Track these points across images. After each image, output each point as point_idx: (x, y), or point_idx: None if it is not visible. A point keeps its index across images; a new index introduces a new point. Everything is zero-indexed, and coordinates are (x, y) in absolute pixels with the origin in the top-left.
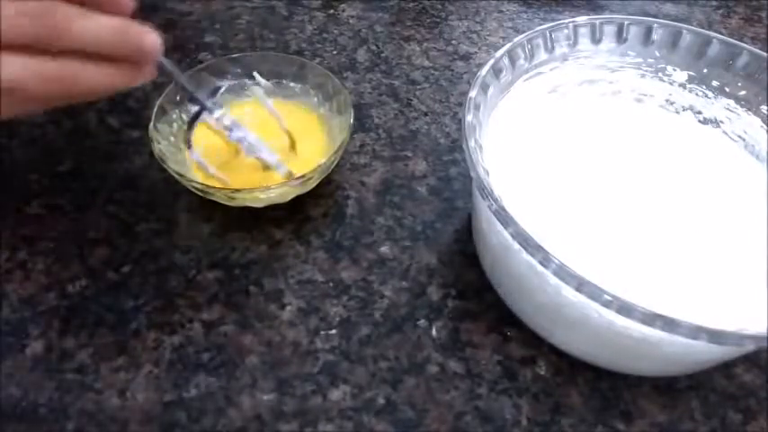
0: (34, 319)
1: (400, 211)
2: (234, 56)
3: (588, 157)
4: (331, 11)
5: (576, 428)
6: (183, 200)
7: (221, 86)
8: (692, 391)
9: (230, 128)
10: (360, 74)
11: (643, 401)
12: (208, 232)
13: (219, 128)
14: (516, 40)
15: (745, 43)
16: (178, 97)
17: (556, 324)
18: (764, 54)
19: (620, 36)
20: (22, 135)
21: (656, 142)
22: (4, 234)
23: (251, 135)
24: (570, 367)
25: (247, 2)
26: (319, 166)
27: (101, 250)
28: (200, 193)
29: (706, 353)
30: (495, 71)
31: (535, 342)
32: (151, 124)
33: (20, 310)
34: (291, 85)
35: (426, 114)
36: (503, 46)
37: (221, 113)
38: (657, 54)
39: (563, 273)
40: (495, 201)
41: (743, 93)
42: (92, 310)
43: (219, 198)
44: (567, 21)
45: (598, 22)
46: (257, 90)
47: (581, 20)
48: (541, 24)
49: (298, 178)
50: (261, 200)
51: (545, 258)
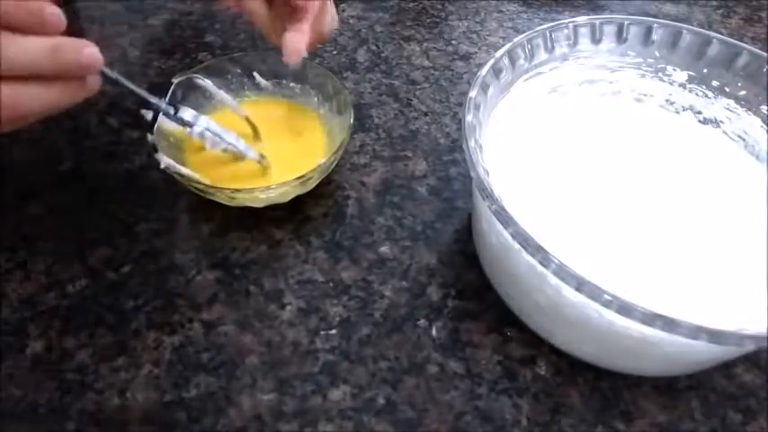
0: (34, 319)
1: (400, 211)
2: (234, 56)
3: (588, 158)
4: None
5: (576, 428)
6: (183, 200)
7: (172, 83)
8: (692, 391)
9: (190, 123)
10: (360, 74)
11: (643, 401)
12: (208, 232)
13: (179, 125)
14: (516, 40)
15: (745, 43)
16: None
17: (556, 324)
18: (764, 54)
19: (620, 36)
20: (21, 135)
21: (656, 142)
22: (4, 234)
23: (212, 124)
24: (570, 367)
25: None
26: (319, 165)
27: (101, 250)
28: (200, 194)
29: (706, 353)
30: (495, 71)
31: (535, 342)
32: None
33: (20, 310)
34: (291, 85)
35: (426, 114)
36: (503, 46)
37: (179, 111)
38: (657, 54)
39: (563, 273)
40: (495, 201)
41: (743, 93)
42: (92, 310)
43: (220, 198)
44: (566, 21)
45: (598, 22)
46: (204, 82)
47: (581, 20)
48: (541, 24)
49: (298, 178)
50: (261, 200)
51: (545, 258)
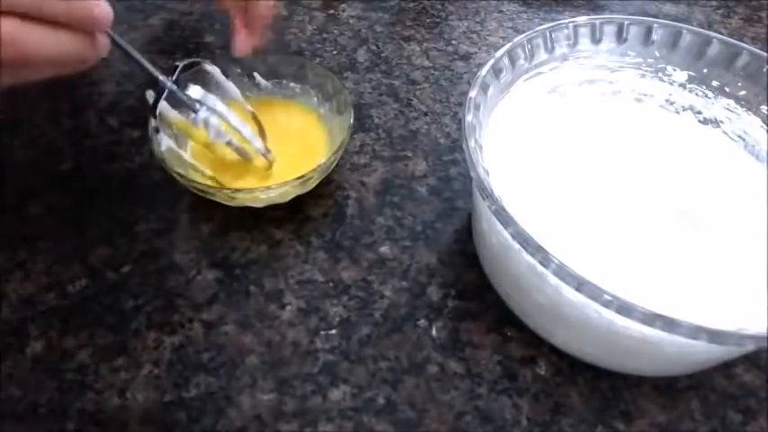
0: (34, 319)
1: (400, 211)
2: (183, 62)
3: (588, 157)
4: (331, 11)
5: (576, 428)
6: (183, 200)
7: (178, 65)
8: (692, 391)
9: (199, 101)
10: (360, 74)
11: (643, 401)
12: (208, 232)
13: (181, 117)
14: (516, 40)
15: (745, 43)
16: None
17: (556, 324)
18: (764, 54)
19: (620, 36)
20: (22, 135)
21: (656, 142)
22: (4, 234)
23: (219, 104)
24: (570, 367)
25: None
26: (319, 165)
27: (101, 250)
28: (200, 193)
29: (706, 353)
30: (495, 71)
31: (535, 342)
32: (151, 124)
33: (20, 310)
34: (291, 85)
35: (426, 114)
36: (503, 46)
37: (188, 90)
38: (657, 54)
39: (563, 273)
40: (495, 201)
41: (743, 93)
42: (92, 310)
43: (220, 198)
44: (566, 21)
45: (598, 22)
46: (212, 68)
47: (581, 20)
48: (541, 24)
49: (298, 178)
50: (261, 200)
51: (545, 258)
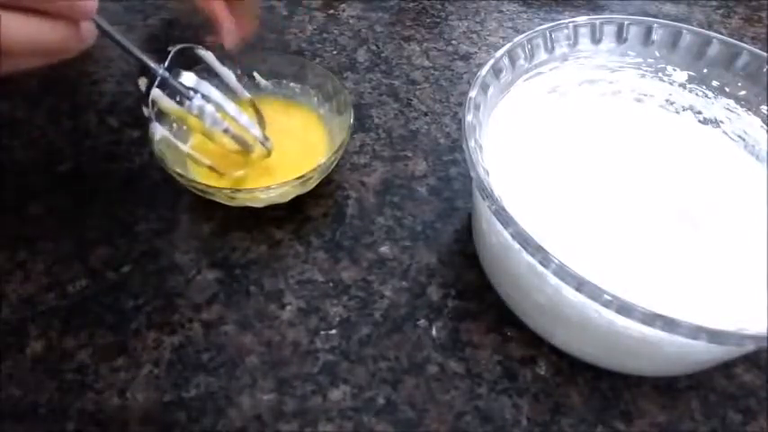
0: (34, 319)
1: (400, 211)
2: (234, 55)
3: (588, 157)
4: (331, 11)
5: (576, 428)
6: (183, 200)
7: (171, 50)
8: (692, 391)
9: (193, 89)
10: (360, 74)
11: (643, 401)
12: (208, 232)
13: (175, 106)
14: (516, 40)
15: (745, 43)
16: (178, 98)
17: (556, 324)
18: (764, 54)
19: (620, 36)
20: (22, 135)
21: (656, 142)
22: (4, 234)
23: (213, 90)
24: (570, 367)
25: None
26: (319, 165)
27: (101, 250)
28: (199, 193)
29: (706, 353)
30: (495, 71)
31: (535, 342)
32: (145, 113)
33: (20, 310)
34: (291, 85)
35: (426, 114)
36: (503, 46)
37: (181, 78)
38: (657, 54)
39: (563, 273)
40: (495, 201)
41: (743, 93)
42: (92, 310)
43: (220, 198)
44: (566, 21)
45: (598, 22)
46: (206, 53)
47: (581, 20)
48: (541, 24)
49: (298, 178)
50: (261, 200)
51: (545, 258)
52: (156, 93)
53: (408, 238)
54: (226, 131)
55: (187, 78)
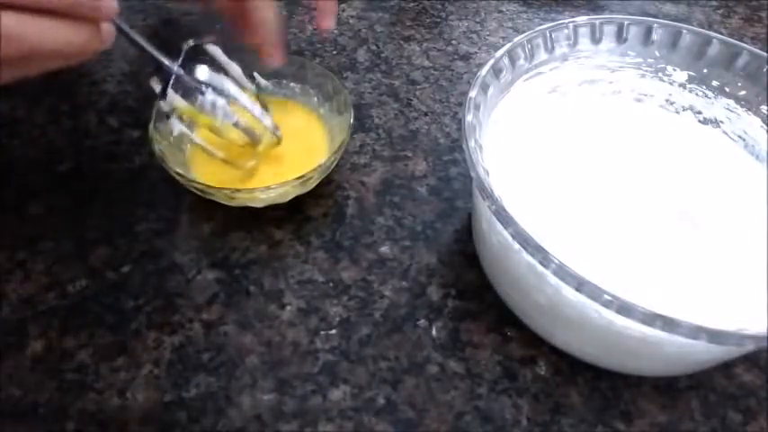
0: (34, 319)
1: (400, 211)
2: (234, 55)
3: (588, 157)
4: None
5: (576, 428)
6: (183, 200)
7: (184, 47)
8: (692, 391)
9: (206, 83)
10: (360, 74)
11: (643, 401)
12: (208, 232)
13: (188, 103)
14: (516, 40)
15: (745, 43)
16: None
17: (556, 324)
18: (764, 54)
19: (620, 36)
20: (22, 135)
21: (656, 142)
22: (4, 234)
23: (228, 83)
24: (570, 367)
25: None
26: (319, 165)
27: (101, 250)
28: (199, 193)
29: (706, 353)
30: (495, 71)
31: (535, 342)
32: (151, 124)
33: (20, 310)
34: (291, 85)
35: (426, 114)
36: (503, 46)
37: (195, 73)
38: (657, 54)
39: (563, 273)
40: (495, 201)
41: (743, 93)
42: (92, 310)
43: (219, 198)
44: (567, 21)
45: (598, 22)
46: (214, 49)
47: (581, 20)
48: (541, 24)
49: (298, 178)
50: (261, 200)
51: (545, 258)
52: (169, 91)
53: (408, 238)
54: (236, 125)
55: (201, 73)
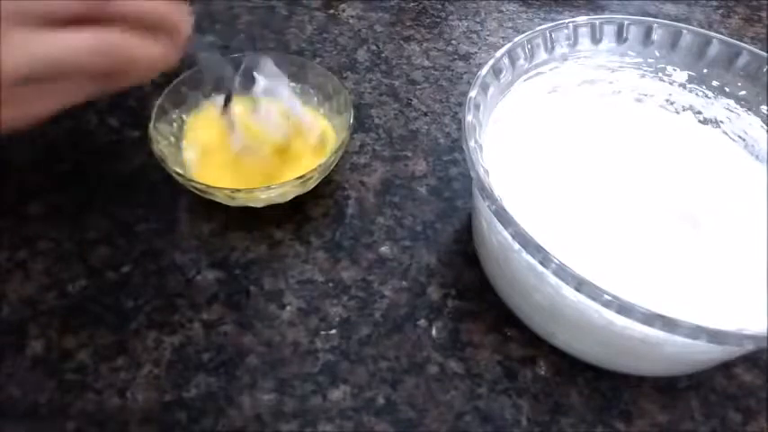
0: (34, 319)
1: (400, 211)
2: (233, 56)
3: (588, 158)
4: (331, 11)
5: (576, 428)
6: (183, 200)
7: (243, 61)
8: (691, 391)
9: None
10: (360, 74)
11: (643, 401)
12: (208, 232)
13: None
14: (516, 40)
15: (745, 43)
16: (189, 85)
17: (556, 324)
18: (764, 54)
19: (620, 36)
20: (21, 135)
21: (656, 142)
22: (4, 234)
23: (285, 94)
24: (570, 367)
25: (247, 2)
26: (319, 165)
27: (101, 250)
28: (199, 193)
29: (706, 353)
30: (495, 71)
31: (535, 342)
32: (151, 124)
33: (20, 310)
34: (292, 85)
35: (426, 114)
36: (503, 46)
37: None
38: (657, 54)
39: (563, 273)
40: (495, 201)
41: (743, 93)
42: (92, 310)
43: (219, 198)
44: (567, 21)
45: (598, 22)
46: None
47: (581, 20)
48: (541, 24)
49: (298, 178)
50: (261, 200)
51: (545, 258)
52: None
53: (408, 238)
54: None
55: (259, 85)
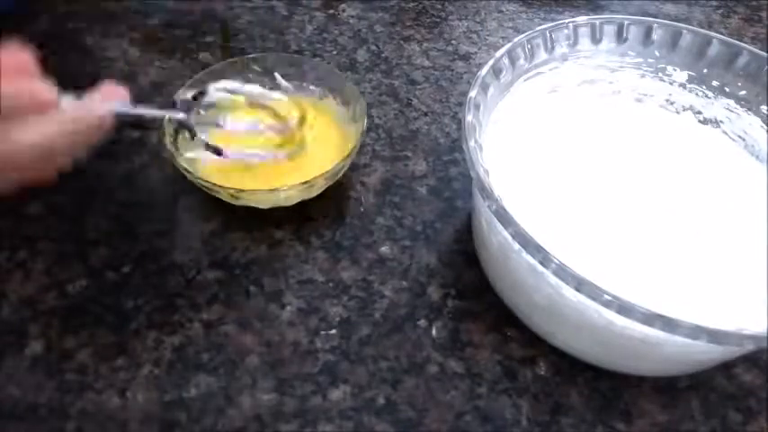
0: (34, 319)
1: (400, 211)
2: (253, 56)
3: (588, 157)
4: (331, 11)
5: (576, 428)
6: (183, 200)
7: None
8: (691, 391)
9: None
10: (360, 74)
11: (643, 401)
12: (208, 232)
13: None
14: (516, 40)
15: (745, 43)
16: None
17: (556, 324)
18: (764, 54)
19: (620, 36)
20: None
21: (656, 142)
22: (4, 234)
23: (245, 88)
24: (570, 367)
25: (247, 2)
26: (326, 172)
27: (101, 250)
28: (205, 190)
29: (706, 353)
30: (495, 71)
31: (535, 342)
32: (166, 117)
33: (20, 310)
34: (312, 88)
35: (426, 114)
36: (503, 46)
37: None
38: (657, 54)
39: (563, 273)
40: (495, 201)
41: (743, 93)
42: (92, 310)
43: (224, 197)
44: (567, 21)
45: (598, 22)
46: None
47: (581, 20)
48: (541, 24)
49: (303, 183)
50: (265, 201)
51: (545, 258)
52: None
53: (408, 238)
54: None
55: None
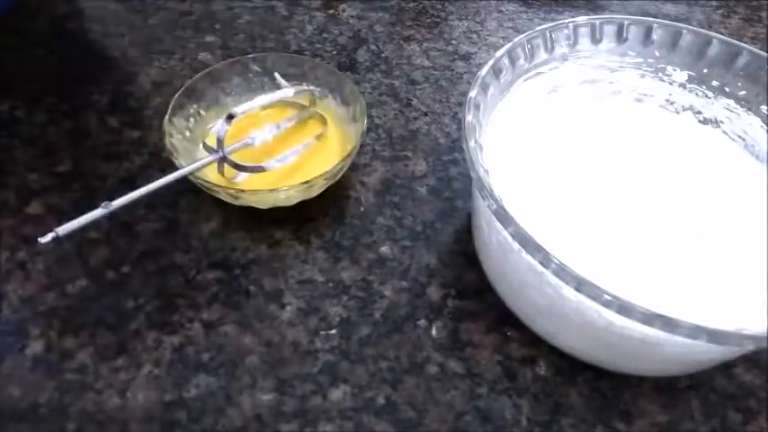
0: (34, 319)
1: (400, 211)
2: (253, 56)
3: (588, 157)
4: (331, 11)
5: (576, 428)
6: (183, 200)
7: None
8: (691, 391)
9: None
10: (360, 74)
11: (643, 401)
12: (208, 232)
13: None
14: (516, 40)
15: (745, 43)
16: (206, 81)
17: (556, 324)
18: (764, 54)
19: (620, 36)
20: (22, 135)
21: (656, 142)
22: (4, 234)
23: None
24: (570, 367)
25: (247, 2)
26: (326, 172)
27: (101, 250)
28: (206, 190)
29: (706, 353)
30: (495, 71)
31: (535, 342)
32: (166, 117)
33: (20, 310)
34: (311, 88)
35: (426, 114)
36: (503, 46)
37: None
38: (657, 54)
39: (563, 273)
40: (496, 201)
41: (743, 93)
42: (92, 310)
43: (224, 196)
44: (567, 21)
45: (598, 22)
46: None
47: (581, 20)
48: (541, 24)
49: (303, 183)
50: (264, 202)
51: (545, 258)
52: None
53: (408, 238)
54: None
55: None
